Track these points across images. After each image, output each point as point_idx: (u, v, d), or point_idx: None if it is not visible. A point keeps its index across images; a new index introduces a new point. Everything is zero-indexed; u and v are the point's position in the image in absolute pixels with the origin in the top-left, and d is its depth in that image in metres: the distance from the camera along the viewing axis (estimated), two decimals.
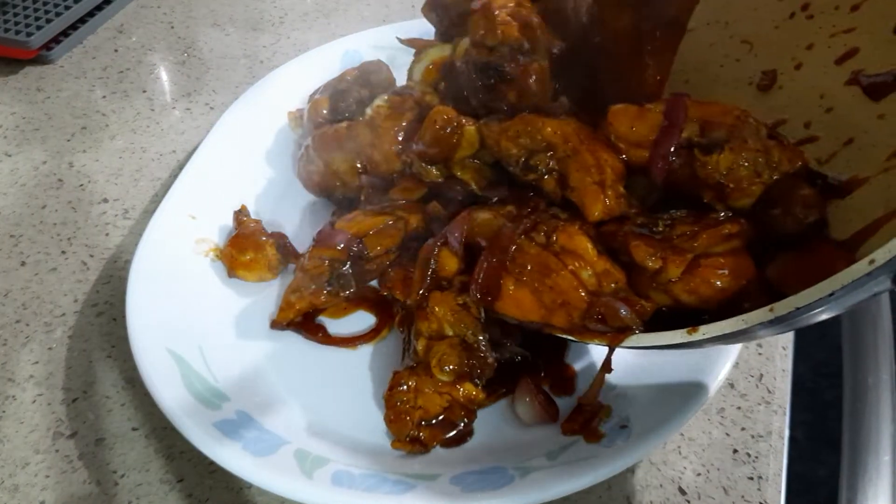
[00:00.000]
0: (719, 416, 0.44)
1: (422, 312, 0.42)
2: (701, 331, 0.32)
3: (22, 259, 0.54)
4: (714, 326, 0.31)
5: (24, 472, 0.42)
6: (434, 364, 0.40)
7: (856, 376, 0.58)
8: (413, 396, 0.40)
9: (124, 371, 0.47)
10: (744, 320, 0.30)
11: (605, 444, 0.38)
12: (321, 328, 0.48)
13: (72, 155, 0.62)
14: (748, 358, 0.47)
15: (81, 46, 0.74)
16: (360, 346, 0.47)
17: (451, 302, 0.41)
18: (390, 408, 0.40)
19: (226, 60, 0.72)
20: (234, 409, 0.41)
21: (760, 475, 0.41)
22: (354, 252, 0.46)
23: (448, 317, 0.41)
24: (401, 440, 0.40)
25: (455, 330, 0.41)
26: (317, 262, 0.46)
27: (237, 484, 0.41)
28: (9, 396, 0.46)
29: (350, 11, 0.79)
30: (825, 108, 0.40)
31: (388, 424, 0.40)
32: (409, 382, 0.41)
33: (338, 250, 0.46)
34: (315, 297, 0.46)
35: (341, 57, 0.62)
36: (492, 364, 0.41)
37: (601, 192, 0.39)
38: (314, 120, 0.56)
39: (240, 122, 0.57)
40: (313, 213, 0.55)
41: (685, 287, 0.35)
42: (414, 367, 0.42)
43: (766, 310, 0.28)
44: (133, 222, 0.57)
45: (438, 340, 0.41)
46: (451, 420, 0.41)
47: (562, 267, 0.37)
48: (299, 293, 0.46)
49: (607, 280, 0.37)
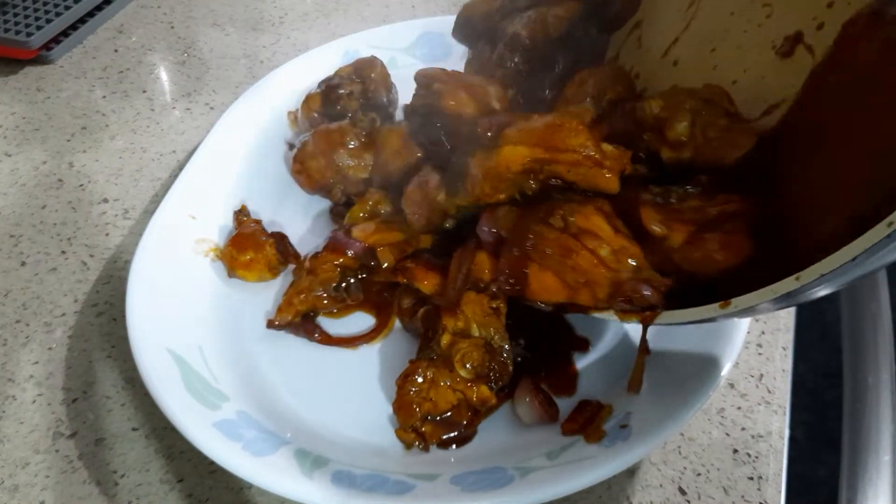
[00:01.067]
0: (719, 417, 0.44)
1: (451, 309, 0.42)
2: (733, 304, 0.32)
3: (22, 259, 0.54)
4: (745, 298, 0.31)
5: (24, 472, 0.42)
6: (457, 359, 0.40)
7: (856, 376, 0.58)
8: (427, 387, 0.40)
9: (124, 371, 0.47)
10: (773, 290, 0.30)
11: (606, 444, 0.38)
12: (318, 328, 0.48)
13: (72, 155, 0.62)
14: (748, 358, 0.47)
15: (81, 46, 0.74)
16: (360, 347, 0.47)
17: (483, 304, 0.42)
18: (401, 395, 0.40)
19: (226, 60, 0.72)
20: (235, 409, 0.41)
21: (760, 475, 0.41)
22: (366, 263, 0.47)
23: (478, 317, 0.41)
24: (405, 429, 0.40)
25: (482, 332, 0.41)
26: (329, 267, 0.47)
27: (237, 484, 0.41)
28: (9, 396, 0.46)
29: (350, 11, 0.79)
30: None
31: (395, 410, 0.40)
32: (427, 373, 0.40)
33: (351, 258, 0.47)
34: (318, 300, 0.47)
35: (341, 57, 0.62)
36: (510, 373, 0.41)
37: (601, 168, 0.39)
38: (308, 116, 0.57)
39: (240, 122, 0.57)
40: (313, 213, 0.55)
41: (684, 256, 0.36)
42: (433, 359, 0.41)
43: (793, 278, 0.29)
44: (133, 222, 0.57)
45: (463, 338, 0.41)
46: (454, 420, 0.41)
47: (581, 247, 0.38)
48: (304, 295, 0.46)
49: (624, 256, 0.38)
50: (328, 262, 0.47)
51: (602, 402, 0.42)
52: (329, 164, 0.52)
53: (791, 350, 0.48)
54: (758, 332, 0.48)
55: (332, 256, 0.47)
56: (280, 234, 0.51)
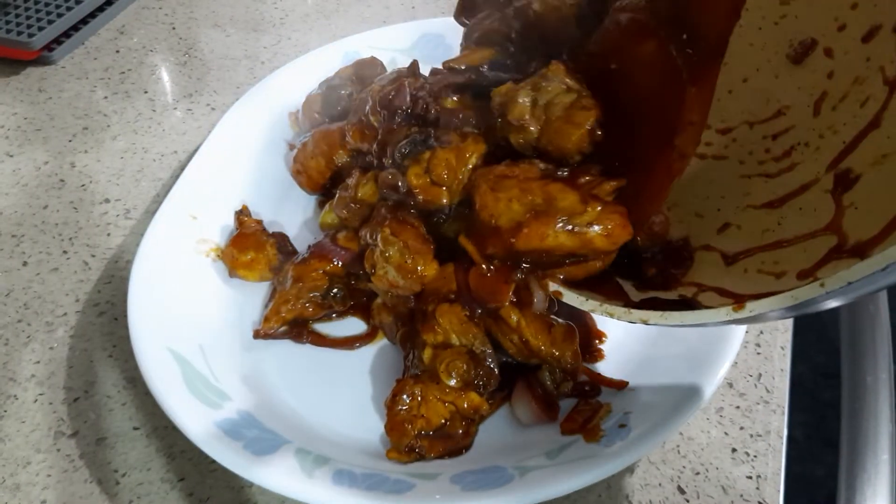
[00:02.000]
0: (718, 416, 0.44)
1: (427, 325, 0.42)
2: (748, 308, 0.31)
3: (24, 259, 0.54)
4: (762, 303, 0.31)
5: (26, 471, 0.42)
6: (442, 369, 0.40)
7: (854, 376, 0.58)
8: (417, 404, 0.40)
9: (126, 370, 0.47)
10: (793, 296, 0.29)
11: (605, 444, 0.39)
12: (307, 332, 0.47)
13: (73, 155, 0.63)
14: (747, 357, 0.47)
15: (83, 47, 0.74)
16: (359, 347, 0.47)
17: (458, 313, 0.41)
18: (392, 416, 0.40)
19: (227, 61, 0.73)
20: (235, 408, 0.41)
21: (759, 474, 0.41)
22: (353, 271, 0.46)
23: (455, 326, 0.41)
24: (399, 450, 0.40)
25: (462, 340, 0.41)
26: (317, 275, 0.46)
27: (238, 483, 0.41)
28: (10, 396, 0.46)
29: (350, 13, 0.79)
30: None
31: (388, 433, 0.40)
32: (415, 390, 0.40)
33: (339, 267, 0.46)
34: (305, 309, 0.46)
35: (342, 58, 0.62)
36: (497, 376, 0.41)
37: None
38: (309, 116, 0.57)
39: (241, 123, 0.57)
40: (314, 214, 0.55)
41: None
42: (419, 376, 0.41)
43: (817, 285, 0.28)
44: (134, 222, 0.57)
45: (444, 349, 0.41)
46: (450, 433, 0.40)
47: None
48: (291, 303, 0.46)
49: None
50: (315, 269, 0.47)
51: (601, 401, 0.42)
52: (329, 164, 0.53)
53: (790, 350, 0.48)
54: (756, 331, 0.48)
55: (320, 264, 0.47)
56: (281, 234, 0.51)
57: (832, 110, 0.39)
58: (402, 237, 0.42)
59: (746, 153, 0.43)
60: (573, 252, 0.37)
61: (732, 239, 0.39)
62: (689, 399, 0.39)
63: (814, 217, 0.36)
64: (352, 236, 0.48)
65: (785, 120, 0.42)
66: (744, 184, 0.42)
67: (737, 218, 0.40)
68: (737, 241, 0.39)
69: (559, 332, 0.41)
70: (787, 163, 0.40)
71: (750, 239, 0.38)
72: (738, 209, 0.41)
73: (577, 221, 0.36)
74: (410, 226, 0.43)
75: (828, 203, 0.36)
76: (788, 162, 0.40)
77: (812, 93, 0.40)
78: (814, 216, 0.36)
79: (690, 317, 0.34)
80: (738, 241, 0.39)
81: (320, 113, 0.56)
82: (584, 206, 0.37)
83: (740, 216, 0.40)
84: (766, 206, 0.39)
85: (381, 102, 0.46)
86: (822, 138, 0.39)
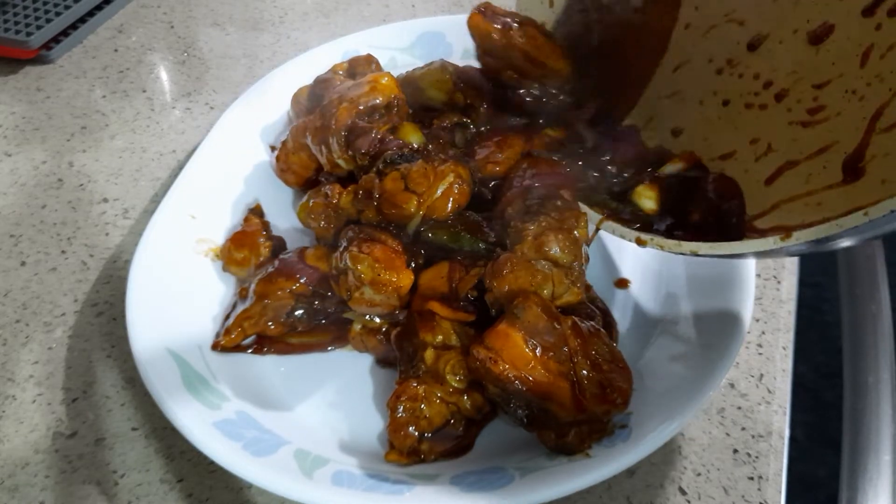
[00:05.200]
0: (719, 416, 0.44)
1: (427, 324, 0.41)
2: (794, 236, 0.31)
3: (22, 259, 0.54)
4: (807, 232, 0.31)
5: (24, 472, 0.42)
6: (447, 370, 0.40)
7: (856, 376, 0.58)
8: (419, 405, 0.39)
9: (124, 371, 0.47)
10: (838, 224, 0.29)
11: (606, 445, 0.38)
12: (271, 343, 0.46)
13: (72, 154, 0.62)
14: (748, 358, 0.47)
15: (81, 46, 0.74)
16: (331, 350, 0.47)
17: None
18: (394, 417, 0.39)
19: (226, 60, 0.72)
20: (234, 408, 0.41)
21: (761, 475, 0.41)
22: (320, 291, 0.45)
23: (455, 326, 0.41)
24: (399, 452, 0.39)
25: (463, 340, 0.41)
26: (283, 294, 0.45)
27: (237, 484, 0.41)
28: (8, 396, 0.46)
29: (350, 11, 0.79)
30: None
31: (391, 434, 0.39)
32: (418, 391, 0.40)
33: (305, 286, 0.45)
34: (266, 327, 0.45)
35: (341, 56, 0.61)
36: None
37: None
38: (295, 110, 0.56)
39: (240, 122, 0.57)
40: None
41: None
42: (420, 376, 0.41)
43: (861, 213, 0.28)
44: (133, 222, 0.57)
45: (446, 350, 0.41)
46: (451, 432, 0.40)
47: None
48: (254, 320, 0.45)
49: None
50: (281, 288, 0.45)
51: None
52: (311, 156, 0.51)
53: (791, 350, 0.48)
54: (758, 331, 0.48)
55: (286, 283, 0.45)
56: (280, 238, 0.51)
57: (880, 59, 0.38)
58: (370, 253, 0.42)
59: (795, 101, 0.42)
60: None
61: (781, 188, 0.39)
62: (691, 400, 0.39)
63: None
64: (321, 254, 0.47)
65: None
66: (793, 130, 0.41)
67: (787, 168, 0.40)
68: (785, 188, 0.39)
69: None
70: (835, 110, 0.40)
71: (796, 187, 0.38)
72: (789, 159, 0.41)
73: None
74: (377, 241, 0.43)
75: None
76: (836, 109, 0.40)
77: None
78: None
79: (739, 246, 0.35)
80: (787, 189, 0.39)
81: (305, 105, 0.55)
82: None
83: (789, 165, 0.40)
84: (817, 153, 0.39)
85: (347, 137, 0.47)
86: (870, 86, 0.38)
